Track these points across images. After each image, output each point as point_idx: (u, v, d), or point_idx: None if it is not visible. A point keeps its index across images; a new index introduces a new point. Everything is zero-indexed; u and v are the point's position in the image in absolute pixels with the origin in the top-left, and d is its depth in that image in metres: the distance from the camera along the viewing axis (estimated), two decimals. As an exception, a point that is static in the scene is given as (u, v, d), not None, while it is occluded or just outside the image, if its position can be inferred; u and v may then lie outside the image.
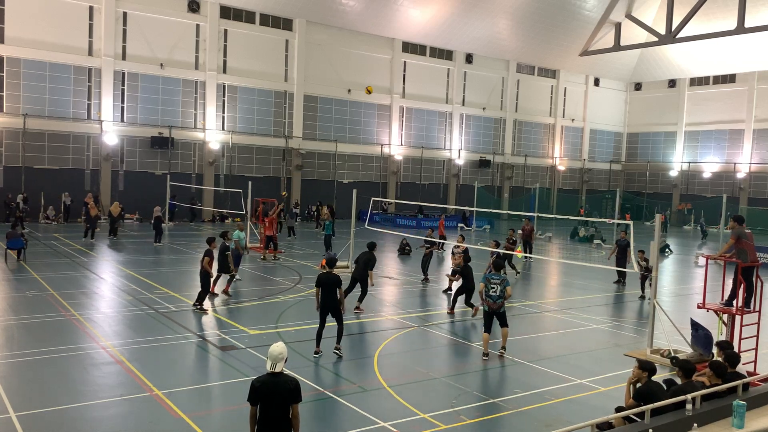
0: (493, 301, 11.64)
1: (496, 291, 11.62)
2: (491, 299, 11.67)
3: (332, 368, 10.87)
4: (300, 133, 41.08)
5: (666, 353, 11.89)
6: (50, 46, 32.99)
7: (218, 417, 8.67)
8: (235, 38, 38.50)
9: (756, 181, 51.02)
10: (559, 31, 47.12)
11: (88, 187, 34.34)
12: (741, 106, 51.57)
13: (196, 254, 24.52)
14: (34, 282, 17.11)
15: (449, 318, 15.17)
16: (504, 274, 11.90)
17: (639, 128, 58.87)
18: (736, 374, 7.88)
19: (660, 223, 12.72)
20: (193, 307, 14.75)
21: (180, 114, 37.28)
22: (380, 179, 45.23)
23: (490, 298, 11.69)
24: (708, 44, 46.16)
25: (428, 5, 41.63)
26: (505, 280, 11.73)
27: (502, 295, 11.62)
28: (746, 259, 11.16)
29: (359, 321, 14.22)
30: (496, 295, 11.62)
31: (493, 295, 11.64)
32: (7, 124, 32.32)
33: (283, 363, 5.96)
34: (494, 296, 11.63)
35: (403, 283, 19.76)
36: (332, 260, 11.62)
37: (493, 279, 11.70)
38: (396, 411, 8.98)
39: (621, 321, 15.78)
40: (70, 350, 11.19)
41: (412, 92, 46.14)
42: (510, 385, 10.42)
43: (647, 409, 6.62)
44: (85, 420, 8.30)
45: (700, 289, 13.43)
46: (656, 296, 12.17)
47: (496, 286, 11.63)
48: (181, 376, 10.24)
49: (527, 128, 53.28)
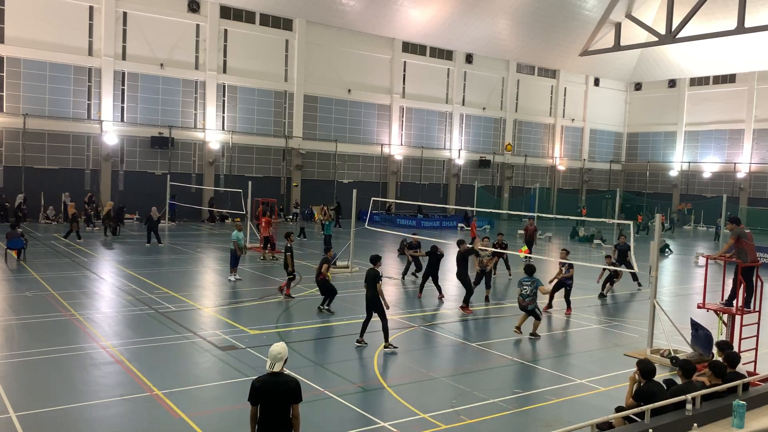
0: (523, 299, 13.24)
1: (526, 290, 13.22)
2: (522, 297, 13.28)
3: (332, 368, 10.87)
4: (300, 133, 41.08)
5: (666, 353, 11.89)
6: (50, 46, 32.99)
7: (218, 417, 8.67)
8: (235, 38, 38.50)
9: (756, 181, 51.01)
10: (559, 31, 47.13)
11: (88, 187, 34.37)
12: (741, 106, 51.56)
13: (196, 254, 24.55)
14: (34, 282, 17.11)
15: (457, 317, 15.18)
16: (535, 276, 13.32)
17: (639, 128, 58.87)
18: (736, 374, 7.88)
19: (660, 223, 12.72)
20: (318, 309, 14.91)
21: (180, 114, 37.29)
22: (380, 179, 45.24)
23: (521, 296, 13.31)
24: (708, 44, 46.16)
25: (428, 5, 41.63)
26: (536, 281, 13.26)
27: (532, 294, 13.16)
28: (746, 259, 11.16)
29: (359, 321, 14.20)
30: (525, 293, 13.21)
31: (524, 294, 13.23)
32: (7, 124, 32.33)
33: (282, 363, 5.95)
34: (524, 295, 13.22)
35: (403, 283, 19.76)
36: (374, 257, 12.48)
37: (524, 282, 13.26)
38: (396, 411, 8.98)
39: (621, 321, 15.78)
40: (70, 350, 11.19)
41: (412, 92, 46.14)
42: (510, 385, 10.41)
43: (647, 409, 6.62)
44: (85, 420, 8.30)
45: (700, 289, 13.43)
46: (656, 296, 12.17)
47: (527, 287, 13.23)
48: (181, 376, 10.23)
49: (527, 128, 53.28)
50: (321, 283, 14.84)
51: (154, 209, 26.54)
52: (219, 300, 16.20)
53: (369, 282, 11.97)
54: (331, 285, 14.93)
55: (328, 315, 14.70)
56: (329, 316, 14.69)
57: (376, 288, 11.82)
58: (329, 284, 14.89)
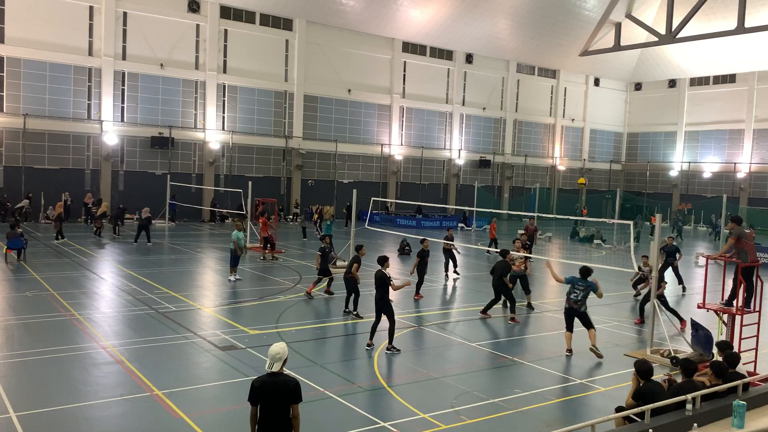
0: (574, 302, 12.20)
1: (578, 295, 12.19)
2: (572, 300, 12.21)
3: (332, 368, 10.87)
4: (300, 133, 41.08)
5: (666, 353, 11.89)
6: (50, 46, 33.00)
7: (218, 417, 8.67)
8: (235, 38, 38.50)
9: (756, 181, 51.01)
10: (559, 31, 47.13)
11: (88, 187, 34.37)
12: (741, 106, 51.56)
13: (196, 254, 24.55)
14: (34, 282, 17.11)
15: (457, 317, 15.17)
16: (590, 281, 12.27)
17: (639, 128, 58.87)
18: (736, 374, 7.88)
19: (660, 224, 12.71)
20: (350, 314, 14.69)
21: (180, 114, 37.29)
22: (380, 179, 45.23)
23: (571, 299, 12.23)
24: (708, 44, 46.16)
25: (428, 5, 41.64)
26: (590, 286, 12.19)
27: (583, 299, 12.14)
28: (746, 259, 11.16)
29: (359, 321, 14.21)
30: (576, 297, 12.18)
31: (574, 297, 12.21)
32: (7, 124, 32.33)
33: (281, 363, 5.95)
34: (574, 298, 12.20)
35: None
36: (381, 258, 12.45)
37: (578, 284, 12.24)
38: (396, 411, 8.98)
39: (621, 321, 15.77)
40: (70, 350, 11.19)
41: (412, 92, 46.13)
42: (510, 385, 10.41)
43: (647, 409, 6.62)
44: (85, 420, 8.30)
45: (700, 289, 13.42)
46: (656, 296, 12.16)
47: (579, 291, 12.18)
48: (181, 376, 10.23)
49: (527, 128, 53.28)
50: (348, 281, 14.51)
51: (145, 209, 26.61)
52: (219, 300, 16.20)
53: (378, 284, 11.91)
54: (356, 285, 14.44)
55: (349, 317, 14.50)
56: (332, 316, 14.68)
57: (385, 290, 11.77)
58: (355, 284, 14.43)
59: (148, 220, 26.46)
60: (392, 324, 11.89)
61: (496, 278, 15.05)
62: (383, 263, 12.22)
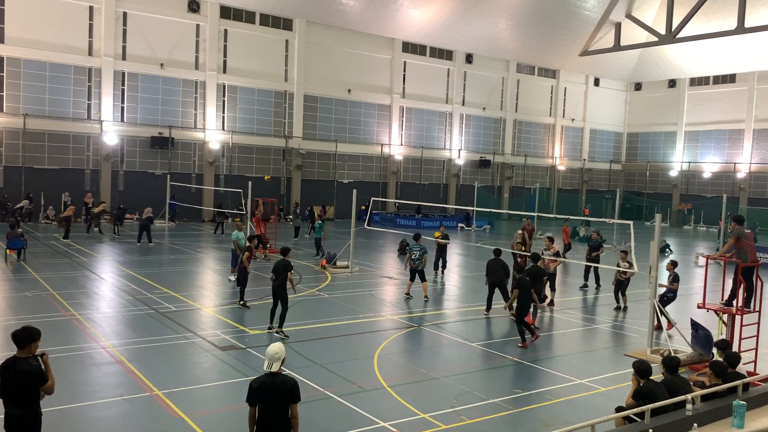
0: (413, 261, 16.24)
1: (416, 255, 16.39)
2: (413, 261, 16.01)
3: (332, 368, 10.86)
4: (300, 133, 41.08)
5: (666, 353, 11.89)
6: (50, 46, 32.99)
7: (218, 417, 8.67)
8: (235, 38, 38.49)
9: (756, 181, 51.01)
10: (559, 31, 47.13)
11: (88, 187, 34.36)
12: (741, 106, 51.55)
13: (195, 254, 24.54)
14: (34, 282, 17.11)
15: (457, 317, 15.17)
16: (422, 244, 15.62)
17: (639, 128, 58.86)
18: (736, 374, 7.88)
19: (660, 224, 12.71)
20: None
21: (180, 114, 37.28)
22: (380, 179, 45.23)
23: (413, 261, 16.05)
24: (708, 44, 46.14)
25: (428, 5, 41.63)
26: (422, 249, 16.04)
27: (421, 258, 16.31)
28: (746, 259, 11.16)
29: (359, 321, 14.21)
30: (414, 257, 16.29)
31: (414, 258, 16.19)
32: (7, 124, 32.32)
33: (279, 363, 5.95)
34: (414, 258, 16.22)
35: (403, 283, 19.73)
36: (284, 248, 13.33)
37: (414, 248, 16.30)
38: (396, 411, 8.98)
39: (621, 321, 15.78)
40: (70, 350, 11.19)
41: (412, 92, 46.13)
42: (510, 385, 10.41)
43: (647, 409, 6.62)
44: (85, 420, 8.30)
45: (700, 289, 13.42)
46: (656, 296, 12.17)
47: (416, 252, 16.11)
48: (181, 376, 10.23)
49: (527, 128, 53.27)
50: (241, 271, 15.54)
51: (147, 209, 26.63)
52: (219, 300, 16.20)
53: (279, 271, 12.69)
54: (246, 274, 15.46)
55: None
56: (333, 316, 14.69)
57: (285, 277, 12.59)
58: (245, 273, 15.45)
59: (150, 220, 26.46)
60: (284, 310, 12.68)
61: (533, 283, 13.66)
62: (286, 254, 13.06)
